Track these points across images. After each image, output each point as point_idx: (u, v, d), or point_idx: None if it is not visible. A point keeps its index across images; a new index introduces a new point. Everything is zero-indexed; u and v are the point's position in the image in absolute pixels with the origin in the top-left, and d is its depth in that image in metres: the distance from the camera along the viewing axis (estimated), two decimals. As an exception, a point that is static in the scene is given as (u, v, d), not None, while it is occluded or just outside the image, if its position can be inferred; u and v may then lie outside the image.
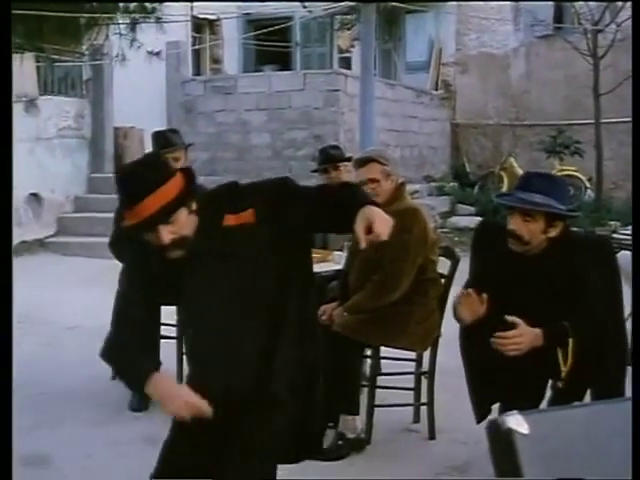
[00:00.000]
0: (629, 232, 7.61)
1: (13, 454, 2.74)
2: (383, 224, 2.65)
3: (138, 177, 2.83)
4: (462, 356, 3.99)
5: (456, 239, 12.20)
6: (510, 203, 3.74)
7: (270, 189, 2.96)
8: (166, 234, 2.79)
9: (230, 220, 2.87)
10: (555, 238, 3.71)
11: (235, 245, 2.86)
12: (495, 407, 3.88)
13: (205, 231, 2.86)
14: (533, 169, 14.76)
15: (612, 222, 12.21)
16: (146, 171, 2.86)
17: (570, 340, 3.61)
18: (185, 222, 2.83)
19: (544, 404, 3.79)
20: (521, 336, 3.55)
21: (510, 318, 3.55)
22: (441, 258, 4.81)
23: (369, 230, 2.64)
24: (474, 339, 3.80)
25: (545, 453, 1.74)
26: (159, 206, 2.77)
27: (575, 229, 4.17)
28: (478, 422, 3.83)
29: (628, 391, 3.65)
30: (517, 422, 1.72)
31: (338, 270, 5.22)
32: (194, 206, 2.87)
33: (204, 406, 2.76)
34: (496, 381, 3.76)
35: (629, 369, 3.67)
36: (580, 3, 14.01)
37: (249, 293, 2.90)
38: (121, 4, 11.59)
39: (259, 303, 2.91)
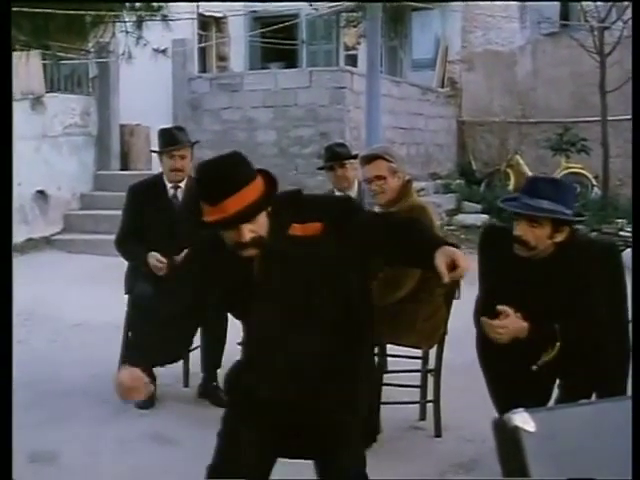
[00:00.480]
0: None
1: (19, 451, 2.74)
2: (465, 260, 2.71)
3: (224, 175, 2.84)
4: (481, 363, 4.01)
5: (462, 236, 12.18)
6: (517, 210, 3.71)
7: (336, 205, 3.03)
8: (247, 232, 2.79)
9: (296, 229, 2.88)
10: (561, 243, 3.70)
11: (300, 255, 2.87)
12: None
13: (272, 237, 2.87)
14: (539, 167, 14.82)
15: (619, 220, 12.18)
16: (232, 169, 2.87)
17: (557, 343, 3.63)
18: (264, 223, 2.85)
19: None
20: (505, 327, 3.55)
21: (500, 307, 3.56)
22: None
23: (450, 267, 2.68)
24: (489, 345, 3.79)
25: (552, 451, 1.74)
26: (245, 205, 2.78)
27: (582, 230, 4.17)
28: None
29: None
30: (523, 420, 1.72)
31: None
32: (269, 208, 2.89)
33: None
34: (512, 385, 3.76)
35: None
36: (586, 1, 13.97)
37: (309, 304, 2.91)
38: (127, 2, 11.61)
39: (318, 314, 2.92)
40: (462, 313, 4.48)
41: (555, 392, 3.92)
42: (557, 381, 3.91)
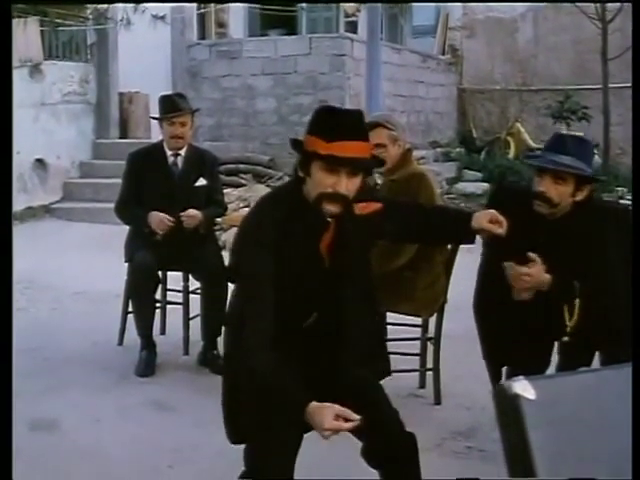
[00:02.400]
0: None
1: (19, 420, 2.75)
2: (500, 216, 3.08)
3: (357, 119, 2.89)
4: (476, 317, 3.97)
5: (462, 205, 12.18)
6: (543, 164, 3.65)
7: (372, 191, 3.26)
8: (345, 184, 2.80)
9: (358, 208, 2.96)
10: (579, 202, 3.66)
11: (363, 232, 3.02)
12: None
13: (347, 214, 2.91)
14: (540, 134, 14.76)
15: (619, 188, 12.17)
16: (363, 120, 2.93)
17: (577, 300, 3.60)
18: (354, 189, 2.86)
19: (551, 369, 3.80)
20: (531, 275, 3.55)
21: (531, 255, 3.54)
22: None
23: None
24: (490, 299, 3.79)
25: (551, 418, 1.74)
26: (363, 155, 2.83)
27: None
28: (494, 386, 3.82)
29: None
30: (524, 387, 1.72)
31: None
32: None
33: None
34: (507, 343, 3.75)
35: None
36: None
37: (357, 276, 3.06)
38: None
39: (361, 286, 3.10)
40: (462, 282, 4.48)
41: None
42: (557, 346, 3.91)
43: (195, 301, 5.59)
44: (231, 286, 3.22)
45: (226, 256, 5.62)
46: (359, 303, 3.06)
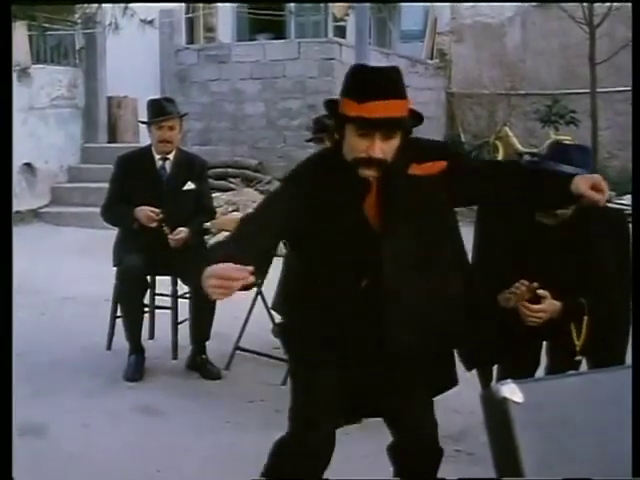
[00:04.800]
0: (624, 202, 7.62)
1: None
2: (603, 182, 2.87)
3: (389, 77, 2.75)
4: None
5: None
6: None
7: (449, 148, 3.09)
8: (379, 146, 2.68)
9: (416, 169, 2.81)
10: (579, 208, 3.66)
11: (420, 193, 2.81)
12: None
13: (393, 176, 2.77)
14: (528, 138, 14.81)
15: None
16: (397, 76, 2.77)
17: (585, 318, 3.61)
18: (392, 149, 2.73)
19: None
20: (545, 311, 3.55)
21: (540, 292, 3.53)
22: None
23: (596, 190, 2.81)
24: (482, 300, 3.78)
25: (539, 422, 1.75)
26: (396, 115, 2.70)
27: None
28: (483, 389, 3.82)
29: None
30: (511, 391, 1.72)
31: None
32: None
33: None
34: (497, 342, 3.75)
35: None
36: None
37: (424, 246, 2.87)
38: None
39: (432, 257, 2.90)
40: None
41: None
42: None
43: (184, 306, 5.58)
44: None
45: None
46: (416, 272, 2.85)
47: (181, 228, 5.36)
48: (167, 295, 5.73)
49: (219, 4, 17.36)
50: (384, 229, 2.81)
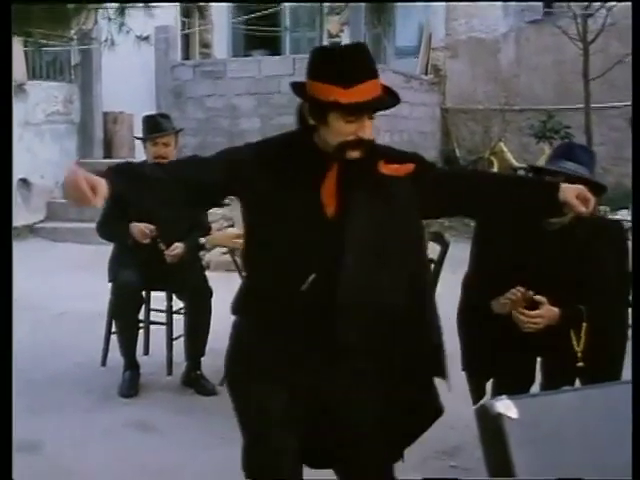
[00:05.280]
0: (619, 217, 7.64)
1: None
2: (588, 192, 2.80)
3: (366, 57, 2.69)
4: (460, 327, 3.95)
5: (446, 224, 12.19)
6: (559, 169, 3.55)
7: (419, 157, 2.91)
8: (369, 128, 2.65)
9: (385, 168, 2.74)
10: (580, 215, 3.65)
11: (382, 190, 2.73)
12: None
13: (356, 167, 2.68)
14: (523, 154, 14.83)
15: (601, 207, 12.23)
16: (370, 55, 2.71)
17: (584, 324, 3.60)
18: (371, 128, 2.67)
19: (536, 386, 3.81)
20: (542, 317, 3.54)
21: (537, 297, 3.53)
22: (431, 243, 4.81)
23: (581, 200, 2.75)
24: (477, 310, 3.77)
25: (534, 437, 1.75)
26: (380, 94, 2.66)
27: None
28: (474, 403, 3.82)
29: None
30: (506, 406, 1.72)
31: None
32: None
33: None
34: (493, 356, 3.75)
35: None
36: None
37: (384, 245, 2.74)
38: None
39: (391, 258, 2.76)
40: (445, 301, 4.48)
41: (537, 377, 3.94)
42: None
43: (179, 321, 5.57)
44: (215, 306, 3.20)
45: (210, 276, 5.65)
46: (369, 268, 2.70)
47: (177, 244, 5.36)
48: (162, 311, 5.73)
49: (214, 20, 17.44)
50: (339, 219, 2.69)
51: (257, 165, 2.71)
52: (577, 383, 3.77)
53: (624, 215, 8.12)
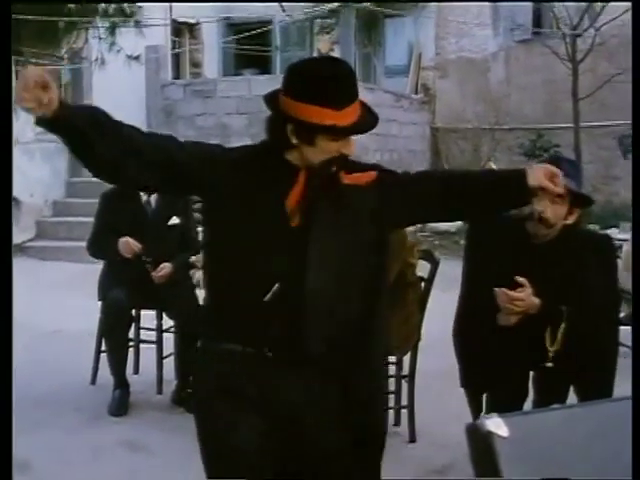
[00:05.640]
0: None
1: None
2: (554, 168, 2.70)
3: (350, 77, 2.66)
4: (456, 343, 3.96)
5: (436, 242, 12.22)
6: None
7: (379, 167, 2.91)
8: (350, 145, 2.63)
9: (347, 178, 2.71)
10: (567, 227, 3.67)
11: (345, 200, 2.69)
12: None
13: (319, 177, 2.66)
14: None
15: (591, 225, 12.27)
16: (352, 74, 2.69)
17: (562, 324, 3.60)
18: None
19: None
20: (522, 300, 3.54)
21: (520, 279, 3.53)
22: (421, 261, 4.82)
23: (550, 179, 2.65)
24: (472, 324, 3.79)
25: (525, 455, 1.75)
26: (363, 113, 2.65)
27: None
28: (475, 419, 3.81)
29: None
30: (496, 425, 1.72)
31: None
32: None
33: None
34: (488, 369, 3.75)
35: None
36: (559, 7, 14.05)
37: (346, 255, 2.70)
38: (100, 7, 11.57)
39: (354, 268, 2.73)
40: (436, 320, 4.50)
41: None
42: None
43: (169, 340, 5.56)
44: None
45: (200, 295, 5.64)
46: (333, 278, 2.67)
47: (165, 264, 5.36)
48: (152, 329, 5.72)
49: (205, 39, 17.50)
50: (303, 229, 2.65)
51: (226, 167, 2.68)
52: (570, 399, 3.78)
53: (614, 233, 8.14)
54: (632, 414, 1.83)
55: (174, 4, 15.43)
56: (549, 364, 3.67)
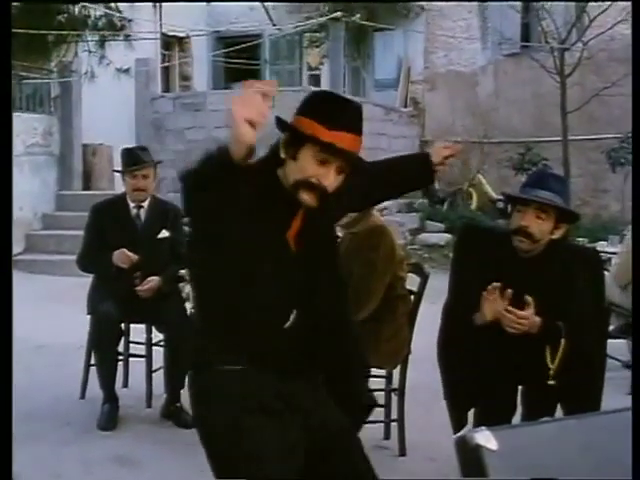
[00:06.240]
0: (597, 249, 7.69)
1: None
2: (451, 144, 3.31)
3: (357, 111, 2.80)
4: (441, 358, 3.96)
5: (425, 256, 12.24)
6: (532, 197, 3.60)
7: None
8: (332, 179, 2.65)
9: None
10: (554, 241, 3.68)
11: (331, 213, 2.84)
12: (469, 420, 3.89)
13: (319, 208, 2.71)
14: (502, 186, 14.89)
15: (580, 239, 12.31)
16: (361, 112, 2.82)
17: (562, 341, 3.61)
18: (337, 183, 2.70)
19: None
20: (527, 319, 3.55)
21: (527, 298, 3.54)
22: (410, 275, 4.82)
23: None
24: (457, 340, 3.79)
25: (514, 469, 1.75)
26: (355, 149, 2.71)
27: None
28: (455, 433, 3.81)
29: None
30: (485, 438, 1.72)
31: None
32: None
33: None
34: (475, 385, 3.75)
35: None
36: (547, 22, 14.12)
37: (325, 265, 2.81)
38: (90, 21, 11.57)
39: (330, 277, 2.83)
40: (425, 333, 4.50)
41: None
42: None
43: (158, 354, 5.55)
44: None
45: (190, 308, 5.63)
46: (334, 293, 2.82)
47: (150, 277, 5.35)
48: (141, 343, 5.71)
49: (194, 53, 17.51)
50: (301, 252, 2.73)
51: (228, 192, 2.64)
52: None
53: (603, 246, 8.16)
54: (632, 426, 1.83)
55: (163, 17, 15.46)
56: (552, 382, 3.67)
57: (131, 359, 5.85)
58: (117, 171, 5.75)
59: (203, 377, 2.82)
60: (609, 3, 13.28)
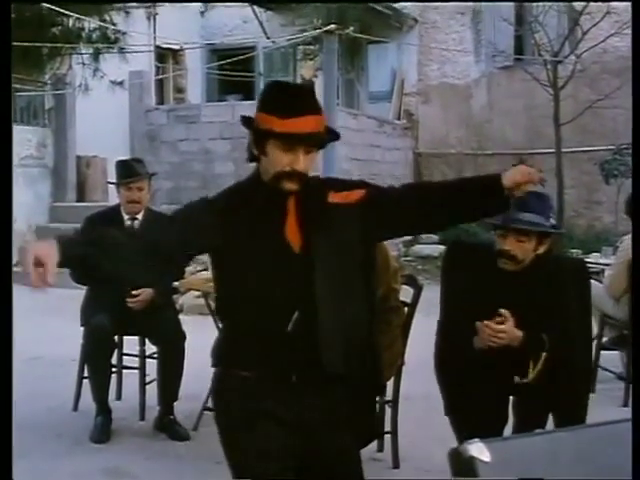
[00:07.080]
0: (591, 260, 7.70)
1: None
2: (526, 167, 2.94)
3: (308, 92, 2.83)
4: (438, 372, 3.97)
5: (419, 267, 12.24)
6: (507, 224, 3.66)
7: (365, 183, 2.99)
8: (302, 161, 2.70)
9: (335, 197, 2.81)
10: (539, 255, 3.72)
11: (338, 220, 2.79)
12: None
13: (312, 202, 2.79)
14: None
15: (573, 250, 12.32)
16: (313, 93, 2.85)
17: (543, 353, 3.63)
18: (313, 161, 2.77)
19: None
20: (505, 332, 3.57)
21: (502, 311, 3.56)
22: (404, 286, 4.82)
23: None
24: (451, 354, 3.80)
25: (507, 480, 1.75)
26: (319, 130, 2.73)
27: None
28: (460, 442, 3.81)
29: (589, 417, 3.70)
30: (479, 450, 1.72)
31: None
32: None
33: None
34: (469, 397, 3.76)
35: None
36: (540, 34, 14.15)
37: (342, 271, 2.81)
38: (84, 33, 11.59)
39: (349, 283, 2.83)
40: (419, 344, 4.50)
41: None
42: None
43: (151, 366, 5.54)
44: (188, 350, 3.19)
45: (183, 320, 5.63)
46: (343, 300, 2.79)
47: (142, 289, 5.32)
48: (135, 355, 5.69)
49: (188, 65, 17.54)
50: (305, 254, 2.77)
51: (218, 217, 2.82)
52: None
53: (596, 258, 8.17)
54: (632, 436, 1.83)
55: (158, 29, 15.48)
56: (525, 379, 3.70)
57: (124, 371, 5.84)
58: (111, 183, 5.74)
59: (214, 378, 2.98)
60: (602, 16, 13.34)
